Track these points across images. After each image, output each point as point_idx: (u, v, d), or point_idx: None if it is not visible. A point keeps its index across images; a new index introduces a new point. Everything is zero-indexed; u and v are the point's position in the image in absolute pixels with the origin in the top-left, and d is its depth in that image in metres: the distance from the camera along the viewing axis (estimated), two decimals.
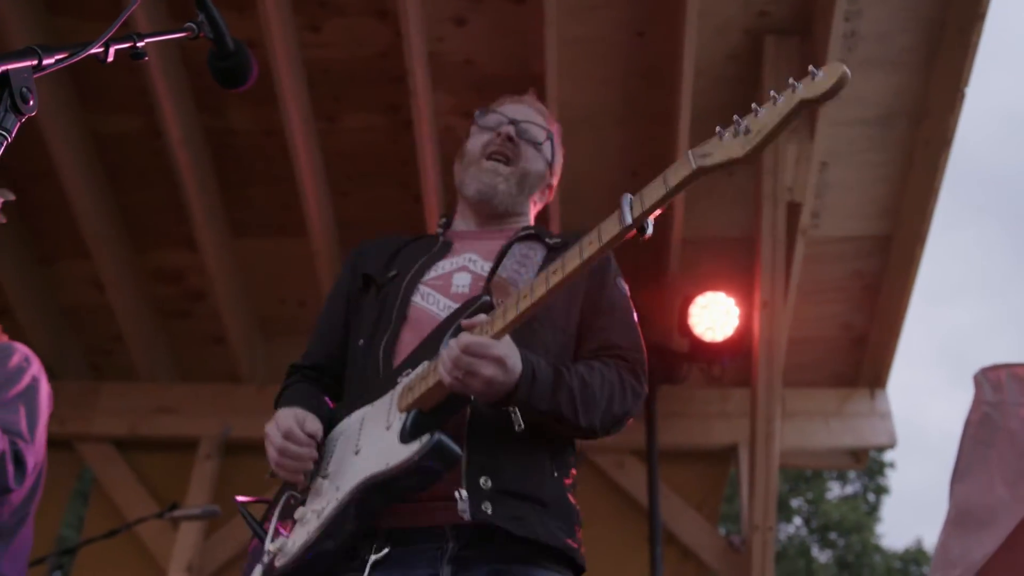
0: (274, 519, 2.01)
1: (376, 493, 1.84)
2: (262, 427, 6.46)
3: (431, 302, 2.13)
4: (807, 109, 1.60)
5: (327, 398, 2.23)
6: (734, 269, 5.69)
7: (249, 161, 5.75)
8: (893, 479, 27.04)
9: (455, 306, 2.08)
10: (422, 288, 2.16)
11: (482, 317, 1.90)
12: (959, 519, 3.70)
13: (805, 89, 1.57)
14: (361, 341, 2.18)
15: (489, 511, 1.85)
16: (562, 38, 5.02)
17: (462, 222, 2.43)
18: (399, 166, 5.65)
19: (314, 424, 2.01)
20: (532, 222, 2.44)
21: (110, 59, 1.66)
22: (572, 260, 1.78)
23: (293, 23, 5.11)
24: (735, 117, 1.68)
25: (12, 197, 2.85)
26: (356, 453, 1.94)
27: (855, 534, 22.43)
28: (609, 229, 1.75)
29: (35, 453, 2.78)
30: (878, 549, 22.83)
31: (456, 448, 1.81)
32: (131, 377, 6.44)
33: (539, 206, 2.46)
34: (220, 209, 5.89)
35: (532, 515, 1.91)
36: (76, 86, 5.47)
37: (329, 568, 1.88)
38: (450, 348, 1.83)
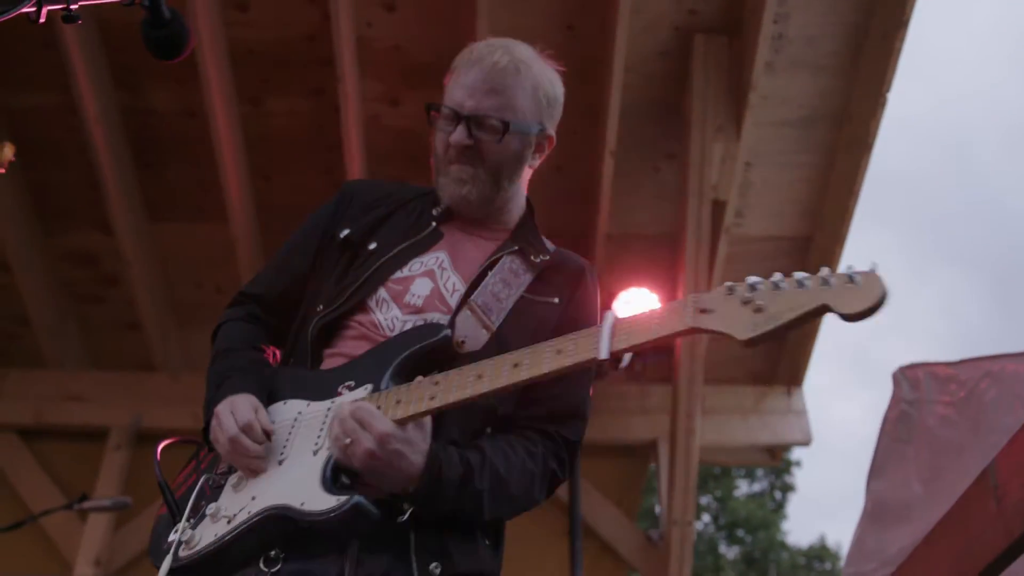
0: (190, 500, 1.92)
1: (286, 522, 1.78)
2: (175, 417, 6.25)
3: (383, 310, 2.02)
4: (824, 315, 1.47)
5: (271, 347, 2.16)
6: (657, 265, 5.72)
7: (168, 142, 5.59)
8: (799, 477, 27.69)
9: (404, 319, 2.00)
10: (382, 291, 2.05)
11: (419, 379, 1.82)
12: (875, 514, 3.77)
13: (836, 296, 1.45)
14: (321, 307, 2.07)
15: None
16: (493, 28, 4.98)
17: None
18: (324, 152, 5.55)
19: (267, 420, 1.92)
20: (524, 198, 2.25)
21: (42, 19, 1.59)
22: (516, 372, 1.70)
23: (219, 1, 4.98)
24: (750, 281, 1.54)
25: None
26: (280, 463, 1.87)
27: (762, 531, 22.90)
28: (581, 352, 1.65)
29: None
30: (784, 546, 23.34)
31: (375, 511, 1.73)
32: (38, 363, 6.21)
33: (537, 163, 2.22)
34: (137, 191, 5.72)
35: None
36: None
37: (236, 564, 1.82)
38: (341, 408, 1.78)
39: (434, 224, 2.15)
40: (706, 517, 23.45)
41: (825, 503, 41.16)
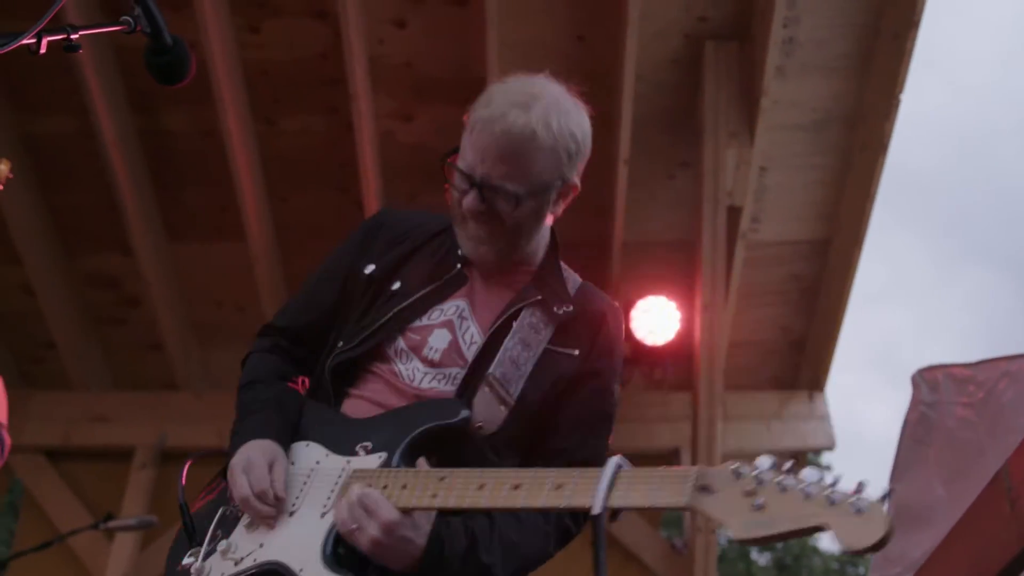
0: (209, 529, 1.98)
1: None
2: (199, 435, 6.29)
3: (403, 361, 2.04)
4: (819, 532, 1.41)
5: (300, 376, 2.19)
6: (674, 273, 5.71)
7: (185, 163, 5.65)
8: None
9: (424, 372, 2.01)
10: (400, 341, 2.05)
11: (420, 463, 1.85)
12: (898, 517, 3.74)
13: (838, 521, 1.40)
14: (340, 343, 2.08)
15: None
16: (503, 41, 5.01)
17: None
18: (339, 170, 5.59)
19: (282, 479, 1.93)
20: (548, 232, 2.18)
21: (42, 51, 1.61)
22: (514, 496, 1.70)
23: (231, 23, 5.04)
24: (758, 470, 1.48)
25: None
26: (291, 514, 1.91)
27: None
28: (577, 496, 1.64)
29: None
30: (816, 551, 23.11)
31: None
32: (63, 385, 6.28)
33: (561, 209, 2.13)
34: (156, 212, 5.78)
35: None
36: (6, 85, 5.34)
37: None
38: (350, 493, 1.80)
39: (459, 266, 2.11)
40: None
41: None
